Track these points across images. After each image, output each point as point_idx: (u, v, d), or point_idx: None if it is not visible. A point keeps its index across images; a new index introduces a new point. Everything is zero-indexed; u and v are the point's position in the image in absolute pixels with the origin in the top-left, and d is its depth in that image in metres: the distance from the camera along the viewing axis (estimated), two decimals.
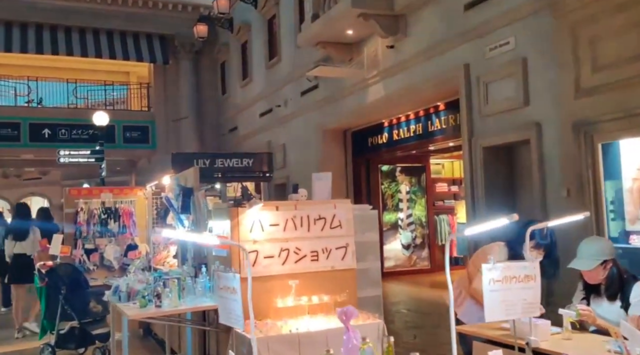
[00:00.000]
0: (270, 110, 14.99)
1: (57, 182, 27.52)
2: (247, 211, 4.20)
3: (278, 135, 14.60)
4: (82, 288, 6.31)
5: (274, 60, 14.71)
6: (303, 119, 13.44)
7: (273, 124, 14.78)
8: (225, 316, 2.78)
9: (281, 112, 14.40)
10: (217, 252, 4.42)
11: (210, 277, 4.46)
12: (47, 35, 16.14)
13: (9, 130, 16.31)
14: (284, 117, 14.24)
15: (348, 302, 4.36)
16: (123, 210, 7.22)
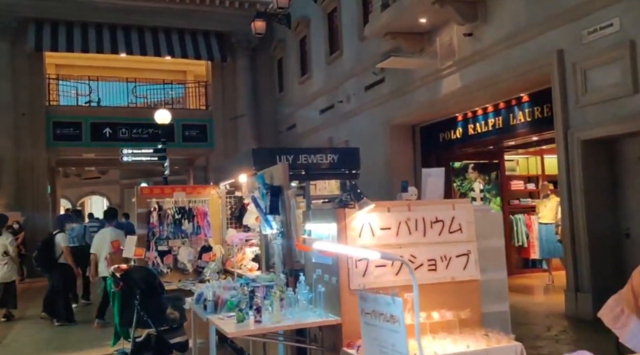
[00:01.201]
0: (331, 106, 14.50)
1: (115, 181, 28.09)
2: (356, 213, 3.66)
3: (340, 132, 14.09)
4: (157, 293, 5.92)
5: (335, 54, 14.20)
6: (368, 114, 12.86)
7: (334, 120, 14.28)
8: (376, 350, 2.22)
9: (343, 107, 13.89)
10: (318, 258, 3.90)
11: (312, 287, 3.94)
12: (107, 34, 16.21)
13: (72, 129, 16.48)
14: (347, 113, 13.71)
15: (472, 319, 3.76)
16: (197, 210, 6.84)
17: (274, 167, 5.01)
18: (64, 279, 8.69)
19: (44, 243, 8.89)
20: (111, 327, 7.21)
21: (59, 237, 8.62)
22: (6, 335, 7.96)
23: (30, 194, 15.48)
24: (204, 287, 5.04)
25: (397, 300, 2.14)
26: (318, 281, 3.90)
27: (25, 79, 15.56)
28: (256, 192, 5.01)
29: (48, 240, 8.89)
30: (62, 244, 8.63)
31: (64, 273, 8.72)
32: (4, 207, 14.70)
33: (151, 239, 6.75)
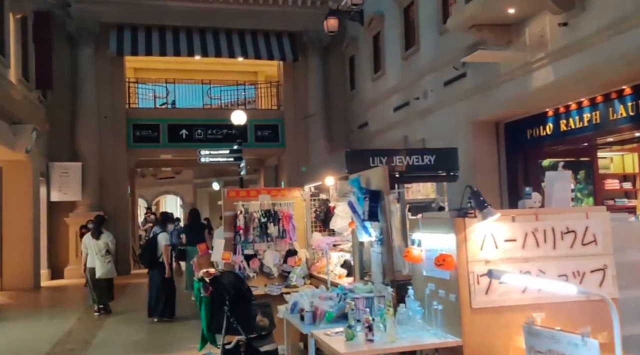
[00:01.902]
0: (406, 103, 14.04)
1: (188, 181, 28.90)
2: (478, 223, 3.29)
3: (416, 130, 13.60)
4: (246, 299, 5.79)
5: (411, 50, 13.72)
6: (447, 111, 12.31)
7: (410, 118, 13.81)
8: None
9: (420, 105, 13.39)
10: (431, 272, 3.57)
11: (425, 303, 3.60)
12: (183, 37, 16.54)
13: (150, 131, 16.96)
14: (424, 110, 13.21)
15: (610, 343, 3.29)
16: (282, 213, 6.67)
17: (371, 170, 4.72)
18: (162, 277, 8.92)
19: (148, 242, 9.26)
20: (197, 329, 7.23)
21: (161, 237, 8.88)
22: (95, 334, 8.16)
23: (111, 194, 16.06)
24: (298, 295, 4.83)
25: (591, 342, 1.77)
26: (432, 297, 3.56)
27: (107, 84, 16.16)
28: (352, 197, 4.73)
29: (151, 239, 9.19)
30: (163, 243, 8.89)
31: (164, 271, 8.98)
32: (88, 207, 15.36)
33: (237, 243, 6.64)
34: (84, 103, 15.60)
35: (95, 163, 15.68)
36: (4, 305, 10.83)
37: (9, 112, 11.35)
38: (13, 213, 12.67)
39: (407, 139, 13.74)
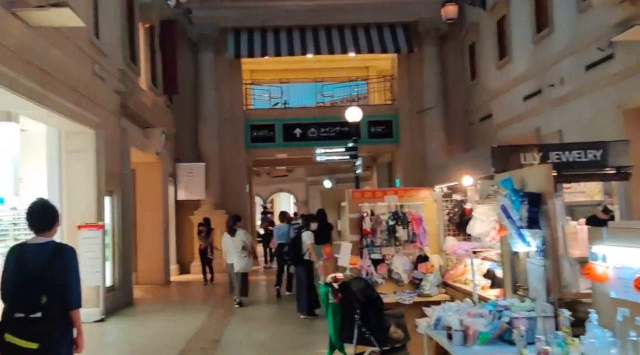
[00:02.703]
0: (538, 91, 12.73)
1: (301, 179, 29.29)
2: None
3: (551, 121, 12.27)
4: (378, 308, 5.37)
5: (544, 32, 12.40)
6: (590, 98, 10.90)
7: (543, 107, 12.50)
8: None
9: (555, 92, 12.05)
10: (623, 294, 2.85)
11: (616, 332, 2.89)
12: (297, 36, 16.55)
13: (266, 131, 17.22)
14: (560, 99, 11.86)
15: None
16: (412, 216, 6.15)
17: (527, 169, 4.03)
18: (307, 274, 8.97)
19: (293, 240, 9.64)
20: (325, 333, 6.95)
21: (305, 236, 8.91)
22: (223, 333, 8.23)
23: (232, 193, 16.54)
24: (441, 310, 4.29)
25: None
26: (626, 326, 2.84)
27: (226, 87, 16.65)
28: (504, 200, 4.08)
29: (296, 238, 9.42)
30: (308, 241, 8.96)
31: (308, 269, 9.11)
32: (211, 206, 15.94)
33: (364, 247, 6.22)
34: (205, 106, 16.21)
35: (217, 163, 16.23)
36: (140, 299, 11.49)
37: (141, 117, 11.99)
38: (146, 212, 13.46)
39: (539, 131, 12.47)
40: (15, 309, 3.41)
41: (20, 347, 3.35)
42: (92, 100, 9.26)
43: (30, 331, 3.35)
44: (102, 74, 9.96)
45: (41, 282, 3.42)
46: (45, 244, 3.60)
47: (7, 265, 3.60)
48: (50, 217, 3.70)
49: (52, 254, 3.56)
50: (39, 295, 3.40)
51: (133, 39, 12.17)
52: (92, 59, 9.56)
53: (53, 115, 7.99)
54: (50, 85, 7.60)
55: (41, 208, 3.74)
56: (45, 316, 3.37)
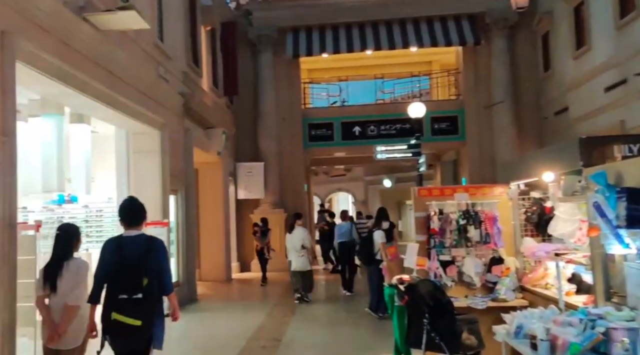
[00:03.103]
0: (622, 81, 11.73)
1: (359, 178, 28.92)
2: None
3: (637, 113, 11.29)
4: (448, 312, 4.98)
5: (629, 17, 11.42)
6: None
7: (628, 98, 11.51)
8: None
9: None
10: None
11: None
12: (356, 33, 16.22)
13: (324, 130, 17.01)
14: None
15: None
16: (485, 215, 5.70)
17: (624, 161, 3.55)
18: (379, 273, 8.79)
19: (365, 240, 9.57)
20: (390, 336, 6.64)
21: (377, 235, 8.76)
22: (284, 332, 8.08)
23: (290, 192, 16.46)
24: (522, 316, 3.87)
25: None
26: None
27: (285, 86, 16.58)
28: (597, 197, 3.61)
29: (367, 237, 9.39)
30: (379, 241, 8.79)
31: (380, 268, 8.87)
32: (270, 205, 15.93)
33: (431, 247, 5.84)
34: (264, 106, 16.21)
35: (276, 162, 16.20)
36: (203, 295, 11.61)
37: (203, 117, 12.11)
38: (208, 210, 13.61)
39: (623, 125, 11.50)
40: (119, 291, 3.87)
41: (126, 323, 3.81)
42: (157, 101, 9.41)
43: (133, 310, 3.81)
44: (166, 76, 10.11)
45: (141, 268, 3.90)
46: (138, 235, 4.12)
47: (105, 254, 4.09)
48: (140, 213, 4.24)
49: (146, 244, 4.07)
50: (139, 279, 3.86)
51: (195, 41, 12.32)
52: (156, 62, 9.73)
53: (120, 116, 8.18)
54: (117, 87, 7.77)
55: (132, 205, 4.28)
56: (145, 297, 3.84)
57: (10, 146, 5.53)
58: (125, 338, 3.89)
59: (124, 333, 3.85)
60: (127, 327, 3.82)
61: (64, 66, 6.45)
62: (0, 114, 5.40)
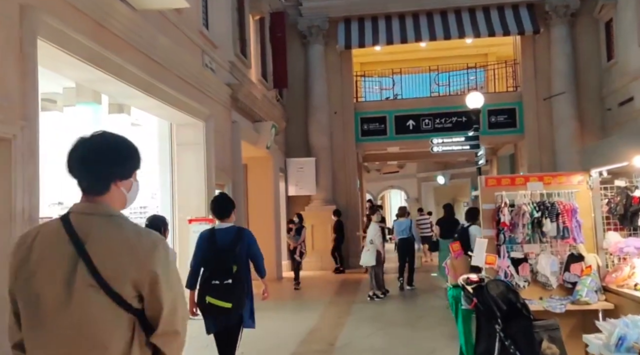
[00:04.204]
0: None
1: (412, 175, 28.19)
2: None
3: None
4: (523, 317, 4.45)
5: None
6: None
7: None
8: None
9: None
10: None
11: None
12: (409, 23, 15.64)
13: (377, 124, 16.51)
14: None
15: None
16: (563, 207, 5.10)
17: None
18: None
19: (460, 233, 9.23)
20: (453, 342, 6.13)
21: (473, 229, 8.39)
22: (337, 335, 7.66)
23: (342, 188, 16.05)
24: (623, 324, 3.31)
25: None
26: None
27: (337, 79, 16.19)
28: None
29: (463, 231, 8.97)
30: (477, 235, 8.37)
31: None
32: (322, 202, 15.58)
33: (501, 243, 5.29)
34: (315, 99, 15.87)
35: (327, 158, 15.83)
36: (254, 294, 11.32)
37: (251, 110, 11.88)
38: (257, 207, 13.37)
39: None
40: (212, 277, 4.31)
41: (219, 306, 4.28)
42: (202, 91, 9.18)
43: (225, 293, 4.26)
44: (212, 65, 9.88)
45: (231, 256, 4.34)
46: (228, 227, 4.62)
47: (200, 244, 4.58)
48: (229, 206, 4.72)
49: (236, 234, 4.55)
50: (230, 266, 4.30)
51: (243, 30, 12.09)
52: (201, 50, 9.50)
53: (162, 106, 7.92)
54: (158, 74, 7.50)
55: (222, 199, 4.86)
56: (234, 282, 4.28)
57: (31, 132, 5.05)
58: (219, 318, 4.41)
59: (217, 314, 4.35)
60: (220, 309, 4.29)
61: (98, 48, 6.03)
62: (20, 97, 4.95)
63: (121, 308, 1.72)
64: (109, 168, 1.85)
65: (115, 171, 1.86)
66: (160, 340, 1.79)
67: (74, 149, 1.84)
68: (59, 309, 1.72)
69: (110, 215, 1.83)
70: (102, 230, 1.78)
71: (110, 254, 1.74)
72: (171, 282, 1.80)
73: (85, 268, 1.72)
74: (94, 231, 1.76)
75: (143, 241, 1.79)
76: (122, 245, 1.76)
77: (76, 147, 1.84)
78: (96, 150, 1.83)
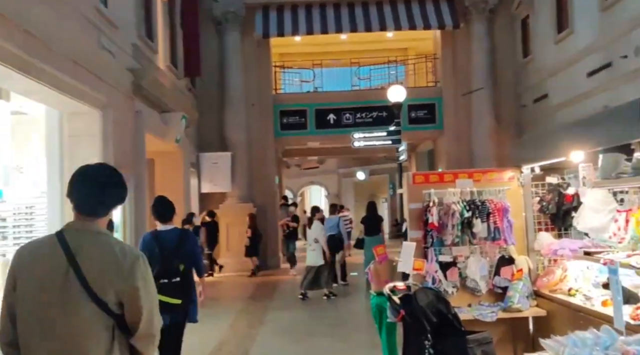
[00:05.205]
0: (607, 65, 11.06)
1: (332, 171, 27.90)
2: None
3: (622, 97, 10.47)
4: (455, 329, 3.96)
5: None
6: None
7: (612, 82, 10.84)
8: None
9: (629, 64, 10.37)
10: None
11: None
12: (330, 13, 15.12)
13: (297, 118, 15.89)
14: (635, 71, 10.18)
15: None
16: (494, 205, 4.69)
17: None
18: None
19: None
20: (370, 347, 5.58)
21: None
22: (248, 349, 6.92)
23: (260, 185, 15.28)
24: (571, 343, 2.84)
25: None
26: None
27: (254, 69, 15.36)
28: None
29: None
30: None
31: None
32: (238, 199, 14.72)
33: (429, 246, 4.80)
34: (231, 90, 14.94)
35: (244, 153, 14.97)
36: None
37: (158, 99, 10.79)
38: None
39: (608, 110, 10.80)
40: (160, 276, 4.36)
41: (169, 303, 4.39)
42: (97, 76, 8.00)
43: (174, 291, 4.43)
44: (111, 48, 8.71)
45: (178, 256, 4.54)
46: (171, 229, 4.78)
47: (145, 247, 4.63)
48: (170, 209, 4.82)
49: (180, 235, 4.74)
50: (177, 265, 4.51)
51: (149, 12, 10.93)
52: (97, 29, 8.30)
53: (47, 91, 6.71)
54: (38, 52, 6.31)
55: (164, 203, 4.86)
56: (182, 280, 4.51)
57: None
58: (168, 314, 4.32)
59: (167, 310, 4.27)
60: (169, 305, 4.40)
61: None
62: None
63: (105, 313, 2.05)
64: (113, 201, 2.27)
65: (116, 202, 2.28)
66: (139, 342, 2.14)
67: (77, 180, 2.20)
68: (53, 312, 2.03)
69: (99, 233, 2.17)
70: (91, 245, 2.10)
71: (98, 266, 2.06)
72: (149, 293, 2.13)
73: (75, 277, 2.04)
74: (85, 246, 2.09)
75: (127, 257, 2.10)
76: (109, 259, 2.07)
77: (80, 177, 2.21)
78: (100, 185, 2.21)
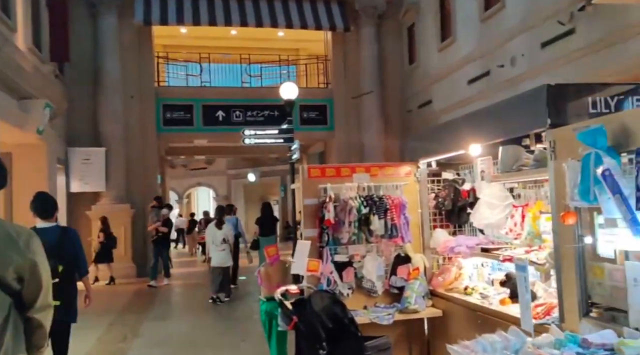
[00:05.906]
0: (486, 73, 11.73)
1: (222, 172, 26.95)
2: None
3: None
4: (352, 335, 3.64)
5: (493, 9, 11.38)
6: (545, 78, 9.83)
7: (490, 90, 11.48)
8: None
9: (505, 73, 11.05)
10: None
11: None
12: (219, 5, 14.43)
13: (182, 113, 14.94)
14: (511, 80, 10.83)
15: None
16: (392, 202, 4.46)
17: (630, 111, 2.45)
18: None
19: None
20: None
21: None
22: None
23: (140, 185, 14.11)
24: (480, 348, 2.61)
25: None
26: None
27: (134, 59, 14.17)
28: (608, 163, 2.46)
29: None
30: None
31: None
32: (113, 200, 13.46)
33: (324, 245, 4.44)
34: (107, 79, 13.61)
35: (121, 149, 13.71)
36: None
37: (17, 83, 9.39)
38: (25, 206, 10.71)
39: None
40: None
41: None
42: None
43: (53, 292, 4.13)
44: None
45: (57, 256, 4.33)
46: (52, 227, 4.60)
47: None
48: (51, 206, 4.67)
49: (60, 233, 4.62)
50: (55, 266, 4.30)
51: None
52: None
53: None
54: None
55: (45, 199, 4.68)
56: (61, 281, 4.41)
57: None
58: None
59: None
60: None
61: None
62: None
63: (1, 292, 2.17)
64: None
65: None
66: (39, 313, 2.35)
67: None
68: None
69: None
70: None
71: None
72: (45, 266, 2.36)
73: None
74: None
75: (22, 234, 2.28)
76: (3, 237, 2.22)
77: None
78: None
